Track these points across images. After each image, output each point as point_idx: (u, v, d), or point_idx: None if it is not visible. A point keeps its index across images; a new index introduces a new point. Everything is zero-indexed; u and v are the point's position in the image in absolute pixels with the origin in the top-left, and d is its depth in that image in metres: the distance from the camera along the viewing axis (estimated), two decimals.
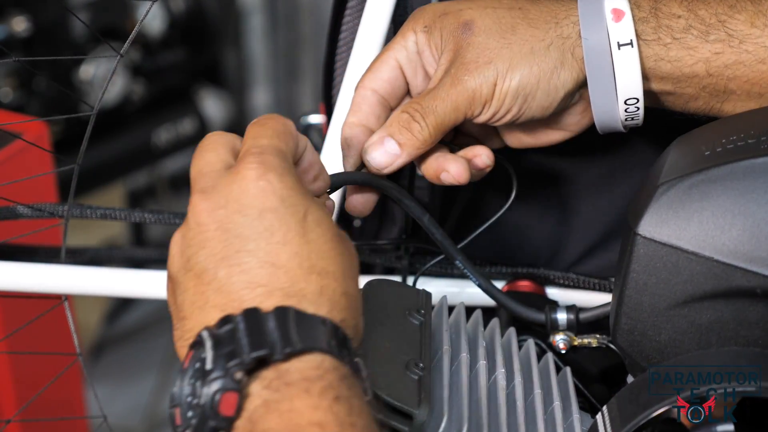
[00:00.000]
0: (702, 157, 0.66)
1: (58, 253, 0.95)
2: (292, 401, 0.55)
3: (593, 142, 0.79)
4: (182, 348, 0.60)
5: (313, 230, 0.60)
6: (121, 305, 2.44)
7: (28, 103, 2.13)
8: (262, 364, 0.56)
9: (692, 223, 0.64)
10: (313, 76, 2.61)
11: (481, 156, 0.76)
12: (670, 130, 0.73)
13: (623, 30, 0.71)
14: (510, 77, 0.72)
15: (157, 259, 1.21)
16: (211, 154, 0.63)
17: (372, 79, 0.76)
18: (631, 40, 0.71)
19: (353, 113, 0.76)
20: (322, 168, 0.69)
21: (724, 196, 0.63)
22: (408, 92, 0.78)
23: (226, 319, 0.57)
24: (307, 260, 0.59)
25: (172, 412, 0.57)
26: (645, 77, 0.72)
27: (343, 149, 0.77)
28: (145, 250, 1.30)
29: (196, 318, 0.59)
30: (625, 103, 0.72)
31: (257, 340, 0.56)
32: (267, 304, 0.58)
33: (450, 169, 0.75)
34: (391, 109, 0.78)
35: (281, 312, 0.57)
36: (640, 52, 0.71)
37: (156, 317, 2.45)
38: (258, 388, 0.56)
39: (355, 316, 0.61)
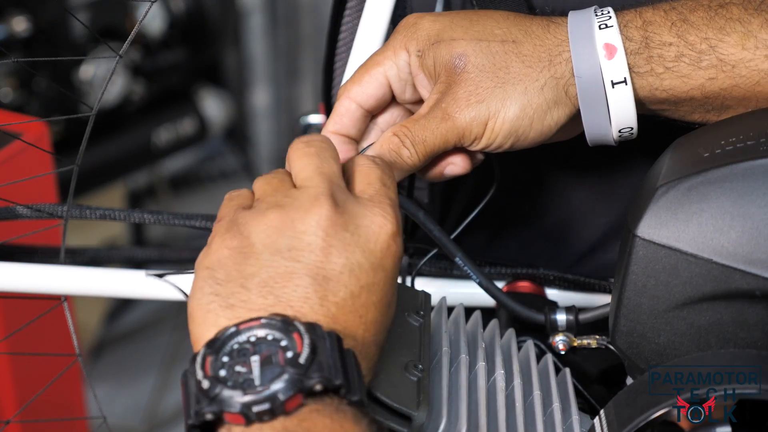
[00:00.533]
0: (700, 158, 0.66)
1: (58, 254, 0.95)
2: (342, 423, 0.56)
3: None
4: (225, 304, 0.59)
5: (391, 309, 0.63)
6: (121, 305, 2.44)
7: (28, 104, 2.13)
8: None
9: (691, 225, 0.64)
10: (313, 76, 2.61)
11: (457, 163, 0.76)
12: (669, 132, 0.73)
13: (616, 68, 0.70)
14: (503, 118, 0.72)
15: (157, 260, 1.21)
16: (332, 164, 0.64)
17: (358, 92, 0.76)
18: (625, 78, 0.70)
19: (333, 122, 0.76)
20: None
21: (723, 198, 0.63)
22: (393, 99, 0.78)
23: (314, 327, 0.58)
24: (380, 332, 0.62)
25: (203, 358, 0.57)
26: (640, 103, 0.72)
27: None
28: (145, 250, 1.30)
29: (262, 299, 0.59)
30: (619, 131, 0.73)
31: (338, 369, 0.57)
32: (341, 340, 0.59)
33: (454, 160, 0.75)
34: (374, 117, 0.78)
35: (351, 356, 0.58)
36: (634, 84, 0.71)
37: (156, 317, 2.45)
38: (310, 402, 0.56)
39: None
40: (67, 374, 1.34)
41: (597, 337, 0.79)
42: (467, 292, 0.86)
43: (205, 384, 0.56)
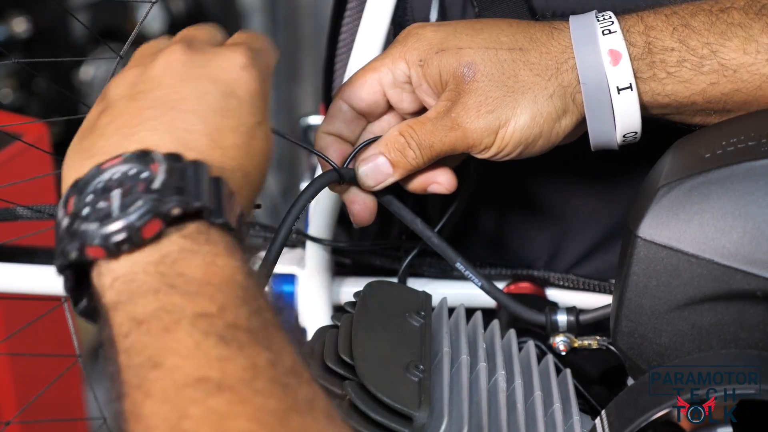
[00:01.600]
0: (702, 159, 0.66)
1: None
2: (215, 258, 0.55)
3: None
4: (87, 155, 0.59)
5: (258, 140, 0.62)
6: None
7: (28, 105, 2.13)
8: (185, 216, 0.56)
9: (692, 226, 0.64)
10: (313, 76, 2.61)
11: (442, 183, 0.76)
12: (670, 133, 0.73)
13: (622, 74, 0.70)
14: (513, 127, 0.72)
15: None
16: (208, 31, 0.66)
17: (351, 95, 0.76)
18: (630, 84, 0.70)
19: (327, 123, 0.77)
20: None
21: (724, 199, 0.63)
22: (390, 107, 0.78)
23: (174, 157, 0.57)
24: (243, 157, 0.61)
25: (65, 199, 0.57)
26: (643, 108, 0.72)
27: (318, 159, 0.77)
28: None
29: (117, 141, 0.59)
30: (624, 136, 0.73)
31: (200, 192, 0.56)
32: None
33: (439, 179, 0.75)
34: (369, 122, 0.78)
35: (219, 182, 0.58)
36: (638, 89, 0.71)
37: None
38: (176, 236, 0.55)
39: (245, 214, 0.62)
40: (67, 375, 1.34)
41: (598, 337, 0.79)
42: (468, 292, 0.86)
43: (65, 222, 0.56)
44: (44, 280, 0.92)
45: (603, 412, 0.67)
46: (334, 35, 0.95)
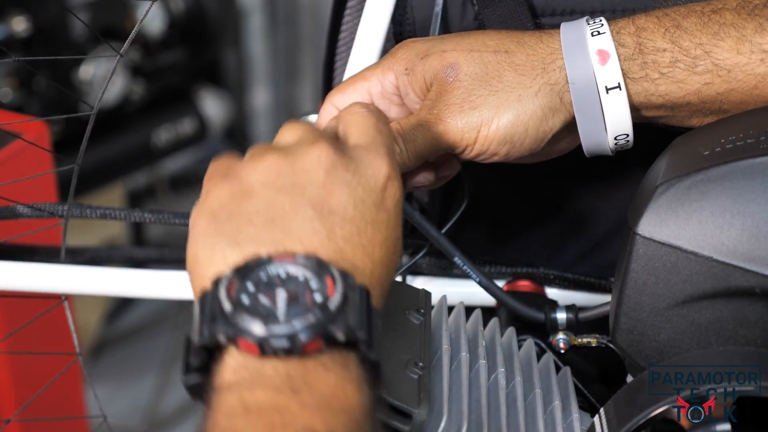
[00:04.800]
0: (701, 157, 0.66)
1: (58, 253, 0.95)
2: (345, 383, 0.54)
3: None
4: (232, 241, 0.57)
5: (398, 255, 0.62)
6: (121, 305, 2.44)
7: (27, 103, 2.13)
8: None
9: (691, 223, 0.64)
10: (313, 76, 2.61)
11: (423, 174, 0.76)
12: (669, 132, 0.74)
13: (610, 73, 0.71)
14: (496, 125, 0.72)
15: (157, 259, 1.21)
16: (321, 129, 0.64)
17: (341, 99, 0.77)
18: (619, 83, 0.71)
19: (318, 126, 0.77)
20: None
21: (723, 196, 0.63)
22: None
23: (347, 277, 0.56)
24: (386, 275, 0.60)
25: (228, 282, 0.55)
26: (636, 109, 0.72)
27: None
28: (145, 250, 1.30)
29: (272, 235, 0.57)
30: (615, 138, 0.73)
31: (363, 323, 0.55)
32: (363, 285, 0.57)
33: (418, 172, 0.75)
34: None
35: (374, 314, 0.57)
36: (629, 90, 0.71)
37: (156, 317, 2.45)
38: (322, 358, 0.55)
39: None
40: (67, 373, 1.34)
41: (597, 335, 0.80)
42: (467, 290, 0.86)
43: (227, 307, 0.54)
44: (44, 278, 0.92)
45: (602, 409, 0.67)
46: (333, 34, 0.96)
